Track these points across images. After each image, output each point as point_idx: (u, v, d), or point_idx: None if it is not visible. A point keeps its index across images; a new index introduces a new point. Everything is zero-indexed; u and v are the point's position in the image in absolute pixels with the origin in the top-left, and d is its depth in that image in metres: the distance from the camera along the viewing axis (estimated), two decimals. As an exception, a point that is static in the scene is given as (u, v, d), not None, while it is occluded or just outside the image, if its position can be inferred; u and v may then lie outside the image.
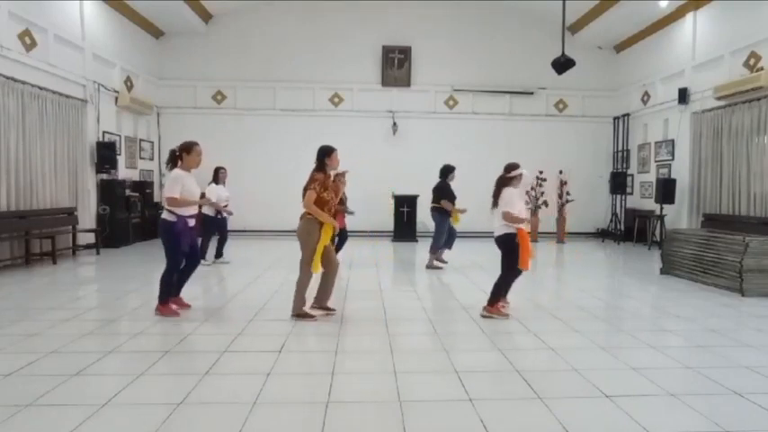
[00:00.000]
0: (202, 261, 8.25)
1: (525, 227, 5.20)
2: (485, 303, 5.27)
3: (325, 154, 5.03)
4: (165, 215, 4.97)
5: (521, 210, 5.15)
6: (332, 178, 5.21)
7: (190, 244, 5.07)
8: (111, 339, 4.39)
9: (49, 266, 8.22)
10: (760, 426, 2.87)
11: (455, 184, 8.46)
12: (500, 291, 5.29)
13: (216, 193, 8.21)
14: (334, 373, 3.57)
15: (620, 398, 3.18)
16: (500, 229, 5.23)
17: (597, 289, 6.98)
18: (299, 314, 4.99)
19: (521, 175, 5.27)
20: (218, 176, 8.43)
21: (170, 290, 5.11)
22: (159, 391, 3.24)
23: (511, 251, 5.14)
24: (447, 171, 8.34)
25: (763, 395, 3.25)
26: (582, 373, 3.62)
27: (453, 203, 8.14)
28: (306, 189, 4.93)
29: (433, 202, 8.31)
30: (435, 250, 8.34)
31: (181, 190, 4.88)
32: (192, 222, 5.08)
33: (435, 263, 8.38)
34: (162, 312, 5.04)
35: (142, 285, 6.92)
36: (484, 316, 5.19)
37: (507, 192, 5.18)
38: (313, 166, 5.12)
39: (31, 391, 3.16)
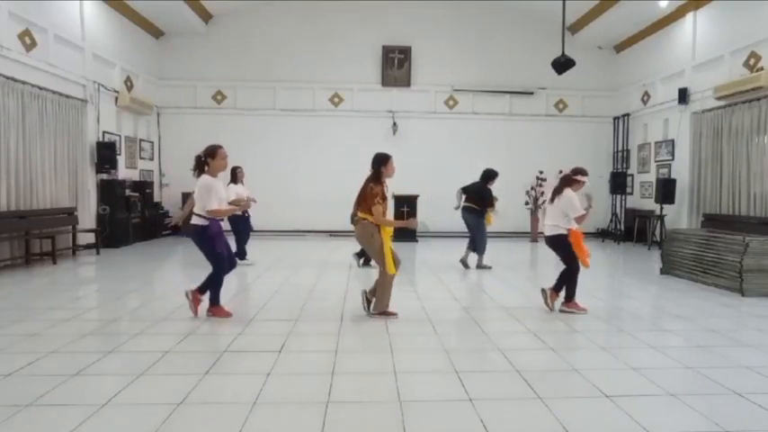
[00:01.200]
0: (246, 260, 8.38)
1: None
2: (563, 300, 5.45)
3: (382, 162, 5.00)
4: (195, 220, 4.87)
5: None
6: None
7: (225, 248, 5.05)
8: (111, 339, 4.39)
9: (49, 266, 8.22)
10: (760, 426, 2.86)
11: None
12: (572, 286, 5.40)
13: (236, 192, 8.27)
14: (334, 373, 3.57)
15: (620, 398, 3.18)
16: (551, 229, 5.38)
17: (597, 289, 6.98)
18: (382, 312, 5.04)
19: (583, 183, 5.39)
20: (236, 176, 8.52)
21: (219, 291, 5.05)
22: (159, 391, 3.24)
23: (565, 248, 5.33)
24: (490, 176, 8.32)
25: (763, 395, 3.25)
26: (582, 373, 3.62)
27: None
28: (364, 201, 4.91)
29: (466, 201, 8.29)
30: (483, 250, 8.30)
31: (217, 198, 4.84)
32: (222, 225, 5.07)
33: (482, 263, 8.34)
34: (214, 314, 5.00)
35: (142, 285, 6.93)
36: (563, 311, 5.38)
37: (569, 192, 5.29)
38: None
39: (31, 391, 3.16)
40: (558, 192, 5.38)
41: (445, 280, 7.43)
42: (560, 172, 12.97)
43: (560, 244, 5.36)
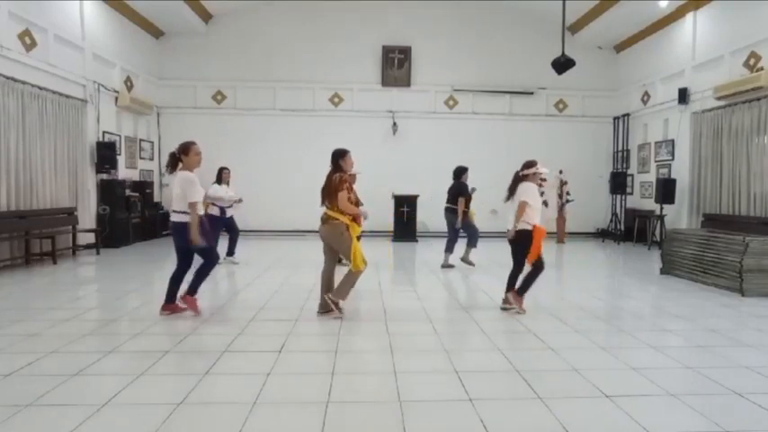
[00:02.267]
0: (233, 259, 8.45)
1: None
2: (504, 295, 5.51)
3: (339, 156, 5.13)
4: (177, 218, 4.90)
5: (536, 208, 5.26)
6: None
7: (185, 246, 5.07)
8: (111, 339, 4.39)
9: (49, 266, 8.22)
10: (760, 426, 2.87)
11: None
12: (529, 283, 5.36)
13: (218, 192, 8.26)
14: (334, 373, 3.57)
15: (620, 398, 3.18)
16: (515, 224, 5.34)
17: (597, 289, 6.98)
18: (335, 302, 5.07)
19: (535, 173, 5.35)
20: (221, 176, 8.48)
21: (201, 284, 5.11)
22: (159, 391, 3.24)
23: (523, 246, 5.26)
24: (461, 172, 8.45)
25: (763, 395, 3.25)
26: (582, 373, 3.62)
27: (468, 202, 8.32)
28: (332, 191, 4.97)
29: (447, 203, 8.40)
30: (475, 245, 8.42)
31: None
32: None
33: (449, 262, 8.43)
34: (185, 301, 5.08)
35: (142, 285, 6.93)
36: (505, 307, 5.44)
37: (524, 185, 5.29)
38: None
39: (31, 391, 3.16)
40: (512, 190, 5.37)
41: (445, 280, 7.43)
42: (560, 172, 12.99)
43: (522, 239, 5.26)
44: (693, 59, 10.83)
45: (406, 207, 12.42)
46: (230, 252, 8.64)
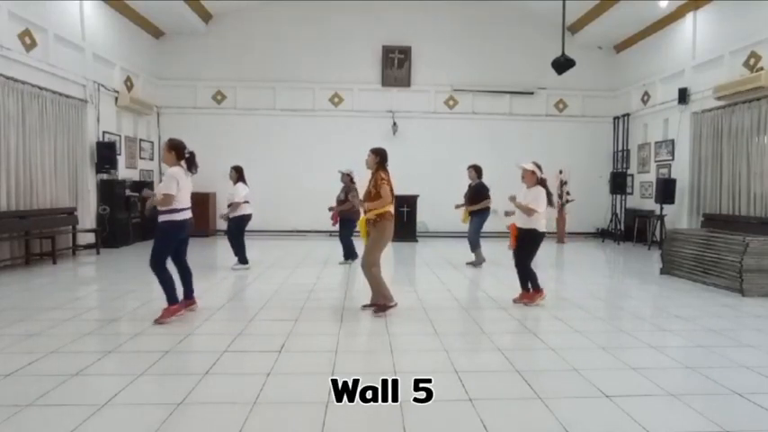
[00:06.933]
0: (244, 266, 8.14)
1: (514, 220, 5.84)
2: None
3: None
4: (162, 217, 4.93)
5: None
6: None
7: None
8: (111, 339, 4.39)
9: (49, 266, 8.21)
10: (760, 426, 2.87)
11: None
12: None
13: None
14: (334, 373, 3.57)
15: (620, 398, 3.18)
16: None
17: (597, 289, 6.98)
18: (386, 306, 5.27)
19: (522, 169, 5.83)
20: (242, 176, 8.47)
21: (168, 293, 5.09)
22: (159, 391, 3.24)
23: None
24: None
25: (763, 395, 3.25)
26: (582, 373, 3.62)
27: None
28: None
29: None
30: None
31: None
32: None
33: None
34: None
35: (142, 285, 6.91)
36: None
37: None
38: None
39: (31, 391, 3.16)
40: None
41: (445, 280, 7.43)
42: (560, 172, 12.96)
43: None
44: (693, 59, 10.83)
45: (405, 207, 12.41)
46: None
